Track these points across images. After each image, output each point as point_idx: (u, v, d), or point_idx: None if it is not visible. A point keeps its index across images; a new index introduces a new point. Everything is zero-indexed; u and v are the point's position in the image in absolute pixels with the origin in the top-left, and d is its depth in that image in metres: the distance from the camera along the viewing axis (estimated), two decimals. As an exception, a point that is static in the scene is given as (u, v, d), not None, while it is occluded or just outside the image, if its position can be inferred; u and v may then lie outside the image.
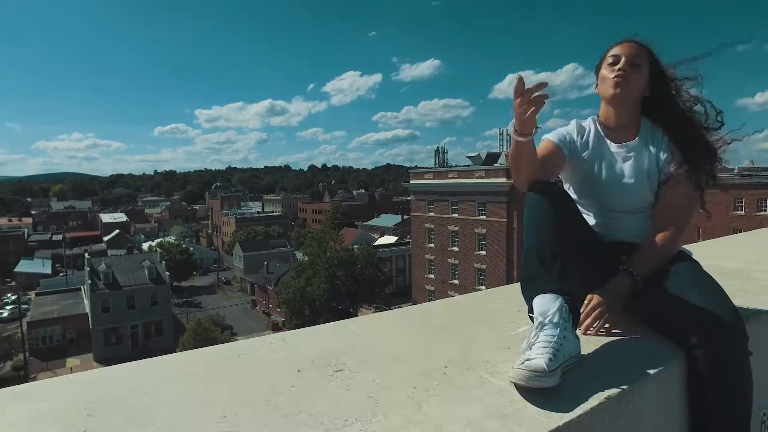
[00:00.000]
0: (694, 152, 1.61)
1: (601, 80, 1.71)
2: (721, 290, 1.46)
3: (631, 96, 1.66)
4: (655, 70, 1.68)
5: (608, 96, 1.68)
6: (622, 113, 1.71)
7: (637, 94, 1.67)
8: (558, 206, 1.47)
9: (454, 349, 1.42)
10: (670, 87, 1.68)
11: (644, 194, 1.68)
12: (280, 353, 1.44)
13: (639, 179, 1.67)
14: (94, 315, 38.56)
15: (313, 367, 1.33)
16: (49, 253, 71.63)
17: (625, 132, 1.72)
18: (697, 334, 1.34)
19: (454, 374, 1.25)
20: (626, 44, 1.68)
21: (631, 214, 1.71)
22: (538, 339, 1.22)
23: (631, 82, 1.63)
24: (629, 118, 1.72)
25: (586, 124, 1.79)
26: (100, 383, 1.23)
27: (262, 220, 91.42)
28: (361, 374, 1.27)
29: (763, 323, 1.81)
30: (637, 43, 1.67)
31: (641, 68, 1.65)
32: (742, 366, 1.35)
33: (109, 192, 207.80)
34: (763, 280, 2.34)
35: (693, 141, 1.63)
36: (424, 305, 1.95)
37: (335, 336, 1.58)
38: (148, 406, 1.10)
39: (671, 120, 1.67)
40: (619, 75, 1.63)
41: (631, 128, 1.72)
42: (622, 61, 1.64)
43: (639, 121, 1.73)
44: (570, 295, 1.34)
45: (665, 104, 1.69)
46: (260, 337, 1.63)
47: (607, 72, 1.68)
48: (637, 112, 1.73)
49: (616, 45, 1.70)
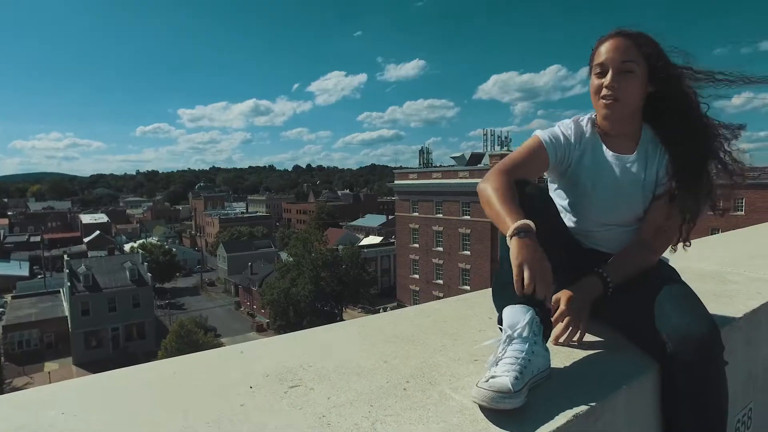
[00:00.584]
0: (691, 172, 1.49)
1: (591, 92, 1.53)
2: (697, 299, 1.40)
3: (625, 112, 1.50)
4: (653, 66, 1.47)
5: (600, 116, 1.53)
6: (618, 125, 1.55)
7: (633, 105, 1.51)
8: (540, 207, 1.39)
9: (417, 362, 1.35)
10: (675, 86, 1.50)
11: (635, 210, 1.59)
12: (235, 367, 1.35)
13: (633, 196, 1.56)
14: (74, 318, 37.79)
15: (267, 382, 1.24)
16: (27, 254, 70.09)
17: (624, 141, 1.58)
18: (672, 345, 1.28)
19: (414, 391, 1.17)
20: (613, 43, 1.47)
21: (618, 227, 1.62)
22: (505, 354, 1.15)
23: (623, 98, 1.46)
24: (628, 127, 1.57)
25: (584, 124, 1.62)
26: (30, 405, 1.13)
27: (246, 221, 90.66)
28: (317, 391, 1.19)
29: (735, 329, 1.77)
30: (628, 38, 1.46)
31: (635, 73, 1.45)
32: (718, 377, 1.30)
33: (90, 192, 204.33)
34: (738, 283, 2.32)
35: (693, 158, 1.49)
36: (392, 313, 1.87)
37: (296, 347, 1.50)
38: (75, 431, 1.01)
39: (673, 129, 1.52)
40: (608, 96, 1.46)
41: (630, 137, 1.58)
42: (610, 74, 1.45)
43: (640, 127, 1.59)
44: (542, 306, 1.27)
45: (669, 106, 1.52)
46: (217, 350, 1.54)
47: (596, 84, 1.50)
48: (636, 118, 1.57)
49: (603, 42, 1.49)
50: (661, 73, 1.48)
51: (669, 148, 1.53)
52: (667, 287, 1.42)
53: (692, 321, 1.28)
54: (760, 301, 2.00)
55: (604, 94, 1.46)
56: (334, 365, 1.34)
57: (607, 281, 1.47)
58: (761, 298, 2.04)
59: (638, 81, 1.47)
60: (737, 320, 1.79)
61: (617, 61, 1.45)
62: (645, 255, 1.54)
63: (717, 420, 1.30)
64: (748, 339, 1.87)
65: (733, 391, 1.79)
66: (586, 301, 1.46)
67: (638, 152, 1.57)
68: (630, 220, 1.60)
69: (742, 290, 2.19)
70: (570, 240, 1.65)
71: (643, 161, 1.56)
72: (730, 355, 1.74)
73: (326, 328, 1.72)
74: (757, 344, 1.95)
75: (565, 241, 1.60)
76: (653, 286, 1.44)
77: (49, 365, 35.97)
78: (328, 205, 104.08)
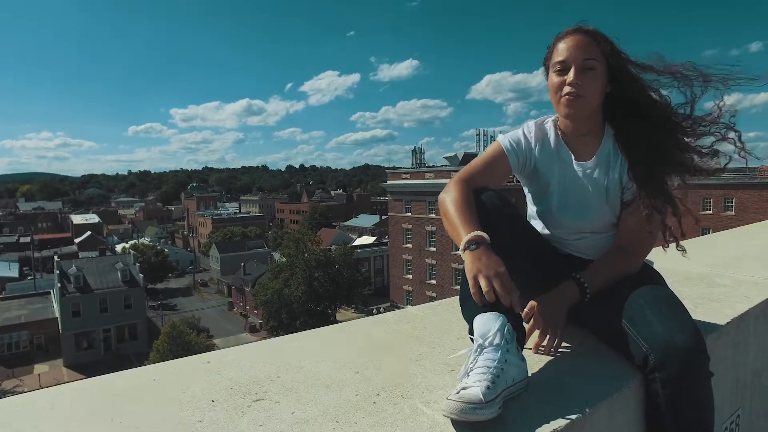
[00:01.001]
0: (652, 175, 1.43)
1: (551, 89, 1.46)
2: (680, 305, 1.33)
3: (588, 110, 1.45)
4: (613, 64, 1.43)
5: (562, 114, 1.48)
6: (581, 124, 1.51)
7: (595, 102, 1.45)
8: (499, 215, 1.35)
9: (391, 373, 1.28)
10: (632, 86, 1.46)
11: (604, 216, 1.53)
12: (200, 379, 1.28)
13: (597, 199, 1.52)
14: (64, 319, 37.41)
15: (230, 395, 1.18)
16: (16, 255, 69.25)
17: (586, 142, 1.53)
18: (655, 357, 1.21)
19: (385, 404, 1.11)
20: (573, 39, 1.42)
21: (593, 234, 1.57)
22: (477, 364, 1.09)
23: (586, 94, 1.41)
24: (589, 127, 1.52)
25: (547, 127, 1.58)
26: (-29, 423, 1.06)
27: (239, 221, 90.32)
28: (282, 404, 1.12)
29: (723, 334, 1.73)
30: (588, 35, 1.42)
31: (595, 70, 1.41)
32: (702, 390, 1.23)
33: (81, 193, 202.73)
34: (726, 286, 2.28)
35: (651, 164, 1.43)
36: (371, 318, 1.81)
37: (265, 357, 1.43)
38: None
39: (632, 133, 1.47)
40: (571, 92, 1.40)
41: (592, 139, 1.53)
42: (572, 71, 1.40)
43: (602, 128, 1.53)
44: (514, 314, 1.21)
45: (627, 108, 1.48)
46: (184, 359, 1.47)
47: (556, 81, 1.43)
48: (597, 119, 1.52)
49: (562, 39, 1.44)
50: (618, 72, 1.44)
51: (627, 152, 1.47)
52: (649, 292, 1.36)
53: (676, 331, 1.21)
54: (747, 305, 1.96)
55: (568, 91, 1.40)
56: (304, 376, 1.27)
57: (585, 287, 1.42)
58: (749, 302, 1.99)
59: (599, 78, 1.42)
60: (725, 326, 1.74)
61: (579, 59, 1.40)
62: (624, 260, 1.48)
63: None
64: (735, 344, 1.83)
65: (721, 399, 1.75)
66: (562, 308, 1.41)
67: (599, 156, 1.52)
68: (601, 226, 1.55)
69: (730, 293, 2.14)
70: (544, 246, 1.60)
71: (604, 165, 1.51)
72: (718, 361, 1.70)
73: (301, 336, 1.65)
74: (745, 349, 1.90)
75: (536, 248, 1.55)
76: (634, 290, 1.38)
77: (39, 367, 35.56)
78: (321, 205, 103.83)
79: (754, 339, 1.96)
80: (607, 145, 1.52)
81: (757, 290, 2.19)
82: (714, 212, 36.65)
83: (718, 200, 37.22)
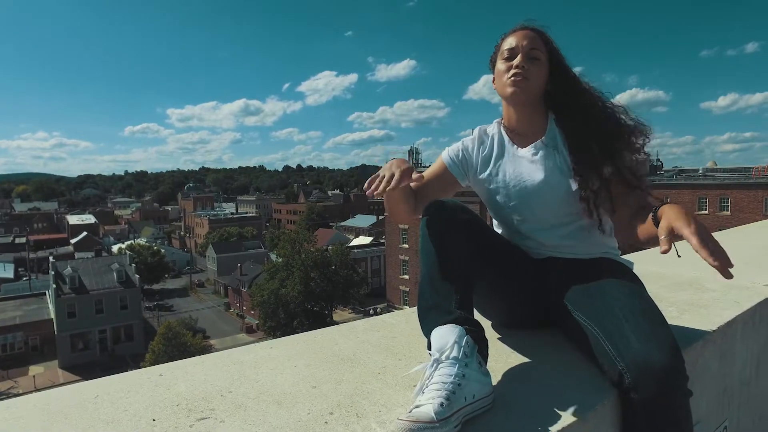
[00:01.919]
0: (588, 159, 1.43)
1: (497, 76, 1.51)
2: (660, 321, 1.25)
3: (532, 94, 1.48)
4: (555, 61, 1.49)
5: (507, 95, 1.49)
6: (525, 113, 1.53)
7: (538, 90, 1.49)
8: (454, 224, 1.28)
9: (349, 388, 1.20)
10: (570, 81, 1.50)
11: (559, 202, 1.48)
12: (146, 393, 1.20)
13: (550, 186, 1.48)
14: (60, 320, 37.21)
15: (174, 413, 1.09)
16: (12, 256, 69.05)
17: (531, 134, 1.54)
18: (631, 377, 1.13)
19: (336, 425, 1.03)
20: (521, 33, 1.48)
21: (557, 227, 1.51)
22: (432, 380, 1.01)
23: (531, 78, 1.45)
24: (534, 118, 1.54)
25: (490, 130, 1.61)
26: None
27: (236, 221, 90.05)
28: (226, 424, 1.04)
29: (709, 342, 1.65)
30: (535, 32, 1.49)
31: (540, 61, 1.46)
32: (681, 410, 1.16)
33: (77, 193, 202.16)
34: (715, 291, 2.20)
35: (589, 158, 1.44)
36: (342, 327, 1.72)
37: (222, 369, 1.35)
38: None
39: (571, 118, 1.49)
40: (517, 73, 1.44)
41: (537, 129, 1.54)
42: (519, 56, 1.45)
43: (546, 119, 1.54)
44: (474, 325, 1.14)
45: (565, 100, 1.51)
46: (136, 371, 1.39)
47: (503, 68, 1.48)
48: (542, 110, 1.54)
49: (510, 34, 1.51)
50: (558, 71, 1.49)
51: (569, 141, 1.48)
52: (628, 303, 1.28)
53: (653, 349, 1.13)
54: (736, 311, 1.89)
55: (514, 72, 1.45)
56: (257, 391, 1.19)
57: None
58: (738, 308, 1.92)
59: (543, 71, 1.48)
60: (711, 333, 1.67)
61: (526, 47, 1.46)
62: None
63: None
64: (722, 353, 1.75)
65: (706, 410, 1.68)
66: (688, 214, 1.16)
67: (546, 141, 1.51)
68: (566, 214, 1.49)
69: (719, 299, 2.07)
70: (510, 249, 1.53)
71: (553, 148, 1.50)
72: (703, 372, 1.63)
73: (266, 345, 1.57)
74: (732, 358, 1.83)
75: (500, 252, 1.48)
76: (614, 298, 1.31)
77: (34, 369, 35.38)
78: (319, 205, 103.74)
79: (742, 346, 1.89)
80: (552, 133, 1.52)
81: (746, 295, 2.12)
82: (710, 212, 36.74)
83: (714, 200, 37.31)
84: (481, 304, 1.59)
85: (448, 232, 1.26)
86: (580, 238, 1.52)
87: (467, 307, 1.22)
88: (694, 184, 40.05)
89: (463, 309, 1.19)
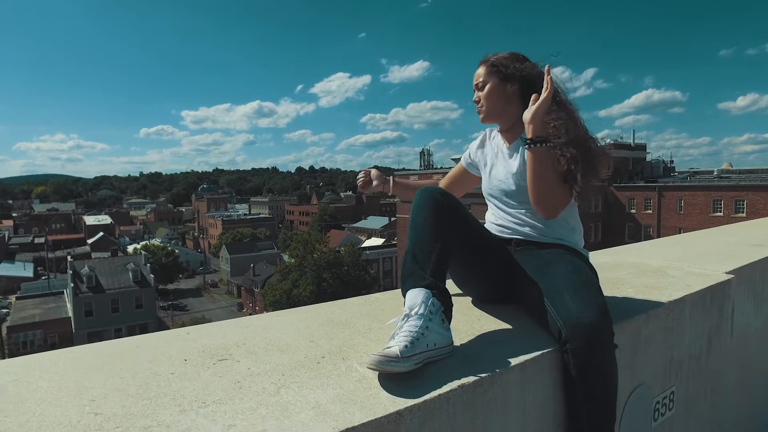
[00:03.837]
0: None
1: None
2: (595, 290, 1.54)
3: (491, 115, 1.86)
4: (509, 76, 1.82)
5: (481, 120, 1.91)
6: (505, 124, 1.90)
7: (496, 108, 1.85)
8: (437, 207, 1.55)
9: (339, 342, 1.50)
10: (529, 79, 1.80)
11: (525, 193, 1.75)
12: (177, 345, 1.51)
13: (517, 179, 1.80)
14: (77, 319, 38.14)
15: (200, 356, 1.40)
16: (31, 256, 70.67)
17: (512, 134, 1.90)
18: (566, 331, 1.43)
19: (326, 364, 1.33)
20: (476, 71, 1.90)
21: (525, 213, 1.82)
22: (402, 330, 1.30)
23: (484, 104, 1.85)
24: (507, 122, 1.88)
25: (492, 133, 2.01)
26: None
27: (249, 222, 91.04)
28: (241, 363, 1.34)
29: (653, 317, 1.91)
30: (480, 67, 1.88)
31: (491, 84, 1.84)
32: (607, 360, 1.44)
33: (94, 194, 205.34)
34: (674, 277, 2.45)
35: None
36: (338, 302, 2.02)
37: (236, 330, 1.65)
38: (21, 394, 1.17)
39: None
40: (478, 106, 1.88)
41: (515, 130, 1.88)
42: (475, 90, 1.89)
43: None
44: (441, 291, 1.42)
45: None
46: (166, 331, 1.70)
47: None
48: (512, 113, 1.85)
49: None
50: (513, 73, 1.82)
51: None
52: (570, 276, 1.57)
53: (585, 309, 1.42)
54: (685, 292, 2.14)
55: (476, 106, 1.90)
56: (265, 343, 1.49)
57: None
58: (687, 290, 2.18)
59: (492, 89, 1.84)
60: (655, 310, 1.93)
61: (476, 82, 1.90)
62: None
63: (604, 400, 1.45)
64: (669, 327, 2.01)
65: (653, 375, 1.95)
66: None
67: (517, 141, 1.86)
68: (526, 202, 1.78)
69: (675, 283, 2.32)
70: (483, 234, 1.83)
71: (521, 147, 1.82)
72: (648, 340, 1.90)
73: (274, 314, 1.87)
74: (680, 332, 2.08)
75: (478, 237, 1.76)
76: (558, 273, 1.60)
77: (52, 365, 36.21)
78: (331, 206, 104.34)
79: (691, 324, 2.14)
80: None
81: (700, 281, 2.35)
82: (725, 214, 36.33)
83: (729, 202, 36.90)
84: (461, 281, 1.91)
85: (432, 214, 1.54)
86: (542, 224, 1.81)
87: (439, 276, 1.47)
88: (708, 186, 39.61)
89: (435, 278, 1.45)
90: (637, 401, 1.86)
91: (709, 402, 2.34)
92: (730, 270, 2.54)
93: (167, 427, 1.01)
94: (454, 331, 1.47)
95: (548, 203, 1.65)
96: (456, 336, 1.48)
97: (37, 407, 1.11)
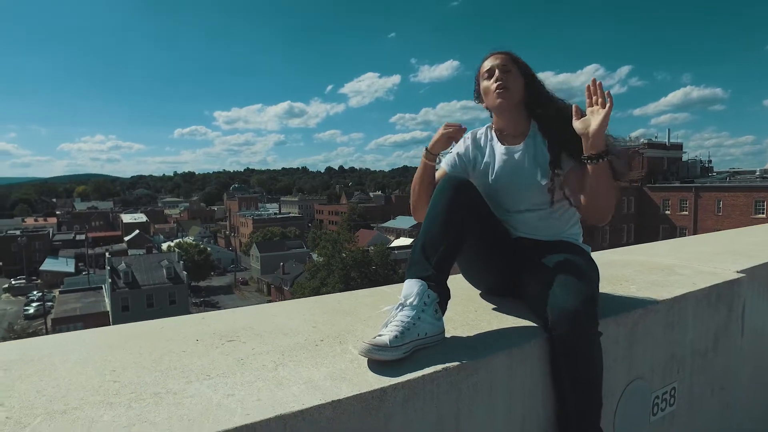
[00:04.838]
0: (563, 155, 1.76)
1: (485, 94, 1.85)
2: (586, 282, 1.59)
3: (514, 99, 1.80)
4: (524, 74, 1.81)
5: (495, 105, 1.82)
6: (511, 118, 1.85)
7: (519, 96, 1.80)
8: (453, 201, 1.58)
9: (339, 328, 1.60)
10: (540, 87, 1.82)
11: (533, 191, 1.81)
12: (192, 327, 1.64)
13: (524, 178, 1.81)
14: (114, 313, 39.51)
15: (211, 337, 1.53)
16: (73, 252, 73.59)
17: (517, 135, 1.86)
18: (552, 318, 1.49)
19: (324, 347, 1.43)
20: (493, 56, 1.83)
21: (528, 212, 1.85)
22: (395, 318, 1.39)
23: (511, 87, 1.78)
24: (519, 122, 1.85)
25: (481, 133, 1.96)
26: (22, 348, 1.46)
27: (279, 222, 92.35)
28: (247, 344, 1.46)
29: (652, 312, 1.95)
30: (502, 53, 1.83)
31: (512, 72, 1.80)
32: (591, 346, 1.50)
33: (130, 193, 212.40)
34: (682, 275, 2.45)
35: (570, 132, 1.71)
36: (345, 293, 2.13)
37: (248, 315, 1.78)
38: (55, 363, 1.32)
39: (548, 114, 1.79)
40: (499, 85, 1.78)
41: (521, 131, 1.86)
42: (496, 72, 1.79)
43: (528, 123, 1.86)
44: (439, 283, 1.49)
45: (540, 102, 1.81)
46: (184, 316, 1.84)
47: (487, 84, 1.82)
48: (524, 115, 1.85)
49: (485, 60, 1.85)
50: (528, 82, 1.82)
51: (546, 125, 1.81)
52: (565, 270, 1.63)
53: (570, 298, 1.49)
54: (688, 289, 2.16)
55: (497, 85, 1.79)
56: (271, 328, 1.61)
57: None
58: (692, 288, 2.19)
59: (519, 80, 1.80)
60: (654, 305, 1.96)
61: (500, 65, 1.81)
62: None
63: (589, 383, 1.51)
64: (669, 323, 2.04)
65: (652, 369, 1.99)
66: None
67: (526, 143, 1.83)
68: (536, 202, 1.81)
69: (680, 281, 2.33)
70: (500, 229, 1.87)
71: (531, 146, 1.82)
72: (646, 334, 1.94)
73: (284, 303, 1.99)
74: (683, 328, 2.10)
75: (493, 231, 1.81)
76: (554, 268, 1.65)
77: (91, 357, 37.63)
78: (360, 206, 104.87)
79: (694, 321, 2.15)
80: (533, 134, 1.84)
81: (708, 279, 2.36)
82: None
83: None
84: (471, 273, 1.98)
85: (449, 207, 1.56)
86: (544, 223, 1.85)
87: (442, 269, 1.52)
88: (750, 187, 38.11)
89: (438, 270, 1.50)
90: (633, 394, 1.90)
91: (717, 400, 2.34)
92: (743, 269, 2.53)
93: (174, 394, 1.13)
94: (448, 320, 1.56)
95: (611, 211, 1.72)
96: (449, 325, 1.56)
97: (67, 374, 1.26)
